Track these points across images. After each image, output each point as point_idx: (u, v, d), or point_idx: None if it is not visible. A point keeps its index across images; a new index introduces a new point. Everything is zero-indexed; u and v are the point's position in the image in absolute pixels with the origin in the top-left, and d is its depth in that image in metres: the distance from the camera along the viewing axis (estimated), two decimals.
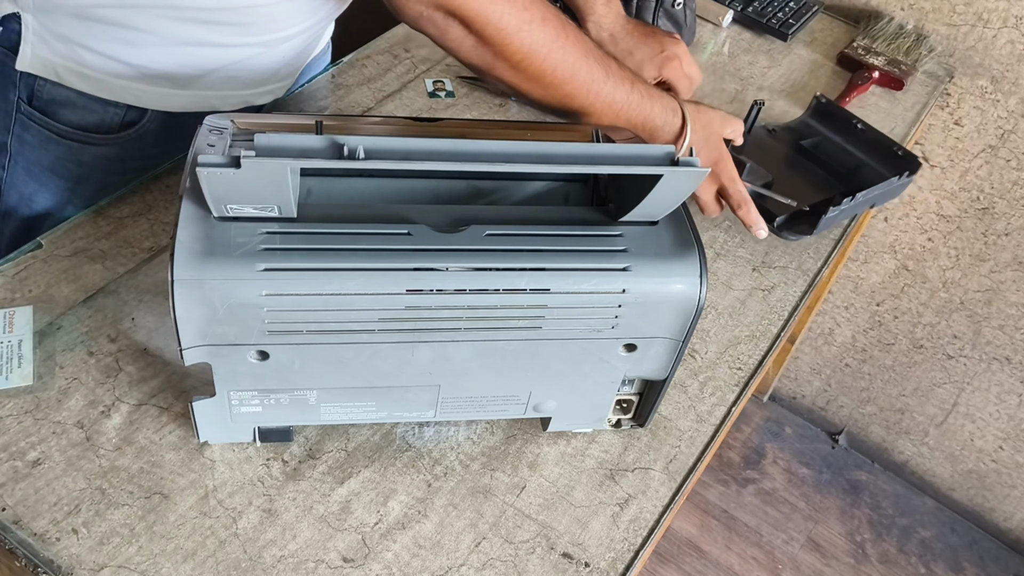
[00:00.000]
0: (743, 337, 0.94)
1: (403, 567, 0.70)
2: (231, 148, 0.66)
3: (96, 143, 0.92)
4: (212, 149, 0.66)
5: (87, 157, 0.93)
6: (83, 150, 0.92)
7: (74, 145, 0.92)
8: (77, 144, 0.92)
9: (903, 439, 1.98)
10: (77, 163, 0.93)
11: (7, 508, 0.68)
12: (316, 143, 0.59)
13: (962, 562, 1.93)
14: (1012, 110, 1.47)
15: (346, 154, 0.58)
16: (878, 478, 2.04)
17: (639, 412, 0.80)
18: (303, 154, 0.58)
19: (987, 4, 1.41)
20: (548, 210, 0.72)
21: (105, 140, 0.92)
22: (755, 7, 1.42)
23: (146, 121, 0.92)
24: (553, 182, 0.75)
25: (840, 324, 1.91)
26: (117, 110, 0.90)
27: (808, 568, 1.86)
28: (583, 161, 0.63)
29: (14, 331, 0.78)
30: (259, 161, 0.56)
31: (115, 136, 0.92)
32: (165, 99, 0.91)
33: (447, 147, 0.61)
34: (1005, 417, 1.81)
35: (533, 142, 0.63)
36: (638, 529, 0.76)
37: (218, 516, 0.70)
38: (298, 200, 0.63)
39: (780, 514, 1.93)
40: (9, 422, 0.73)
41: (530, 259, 0.65)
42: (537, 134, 0.78)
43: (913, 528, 1.96)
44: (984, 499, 1.94)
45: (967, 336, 1.76)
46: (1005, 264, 1.63)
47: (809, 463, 2.04)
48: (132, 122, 0.91)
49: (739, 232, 1.07)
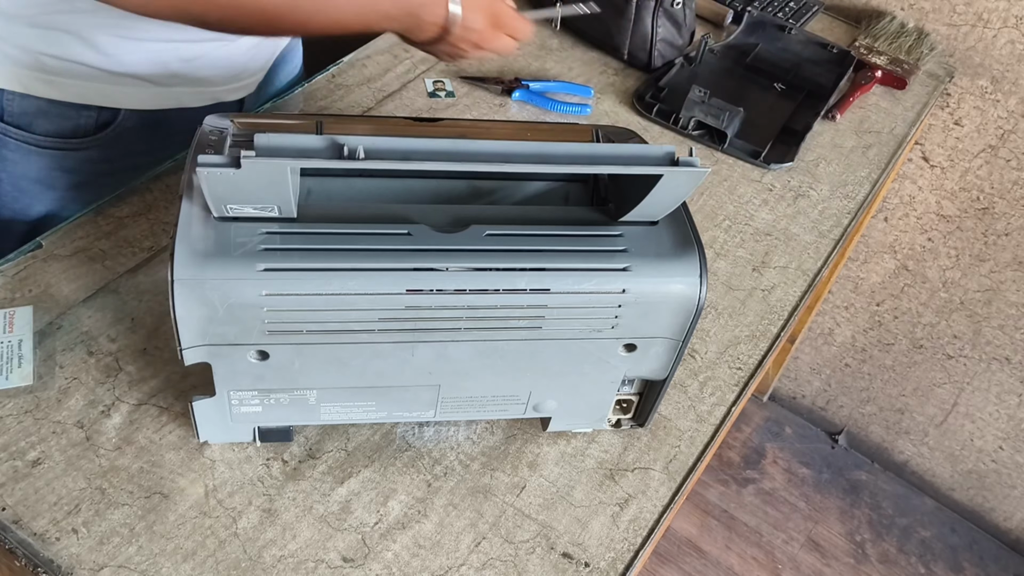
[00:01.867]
0: (743, 337, 0.94)
1: (403, 567, 0.70)
2: (231, 148, 0.66)
3: (77, 148, 0.92)
4: (212, 150, 0.66)
5: (72, 163, 0.93)
6: (66, 157, 0.92)
7: (56, 153, 0.91)
8: (59, 152, 0.91)
9: (903, 439, 1.98)
10: (64, 170, 0.93)
11: (7, 508, 0.68)
12: (316, 143, 0.59)
13: (962, 562, 1.93)
14: (1012, 110, 1.47)
15: (346, 154, 0.58)
16: (878, 478, 2.04)
17: (639, 412, 0.80)
18: (303, 154, 0.58)
19: (987, 4, 1.41)
20: (548, 210, 0.72)
21: (85, 144, 0.91)
22: (755, 7, 1.42)
23: (121, 120, 0.91)
24: (553, 182, 0.75)
25: (840, 324, 1.91)
26: (89, 113, 0.89)
27: (808, 568, 1.86)
28: (583, 161, 0.63)
29: (14, 331, 0.78)
30: (259, 161, 0.56)
31: (94, 139, 0.91)
32: (133, 97, 0.90)
33: (447, 147, 0.61)
34: (1005, 417, 1.81)
35: (533, 142, 0.63)
36: (638, 529, 0.76)
37: (218, 516, 0.70)
38: (298, 200, 0.63)
39: (780, 514, 1.93)
40: (9, 422, 0.73)
41: (530, 259, 0.65)
42: (537, 134, 0.78)
43: (913, 528, 1.96)
44: (984, 499, 1.94)
45: (967, 336, 1.76)
46: (1005, 264, 1.63)
47: (809, 463, 2.04)
48: (107, 122, 0.91)
49: (739, 232, 1.07)
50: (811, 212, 1.12)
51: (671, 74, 1.26)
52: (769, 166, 1.16)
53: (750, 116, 1.19)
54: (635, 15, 1.23)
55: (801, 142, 1.19)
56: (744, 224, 1.08)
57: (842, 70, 1.32)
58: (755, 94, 1.27)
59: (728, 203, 1.11)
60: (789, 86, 1.30)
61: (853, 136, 1.26)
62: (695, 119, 1.18)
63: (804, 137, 1.20)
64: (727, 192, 1.12)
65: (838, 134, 1.26)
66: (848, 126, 1.28)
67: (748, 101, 1.23)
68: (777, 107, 1.26)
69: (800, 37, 1.37)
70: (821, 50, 1.35)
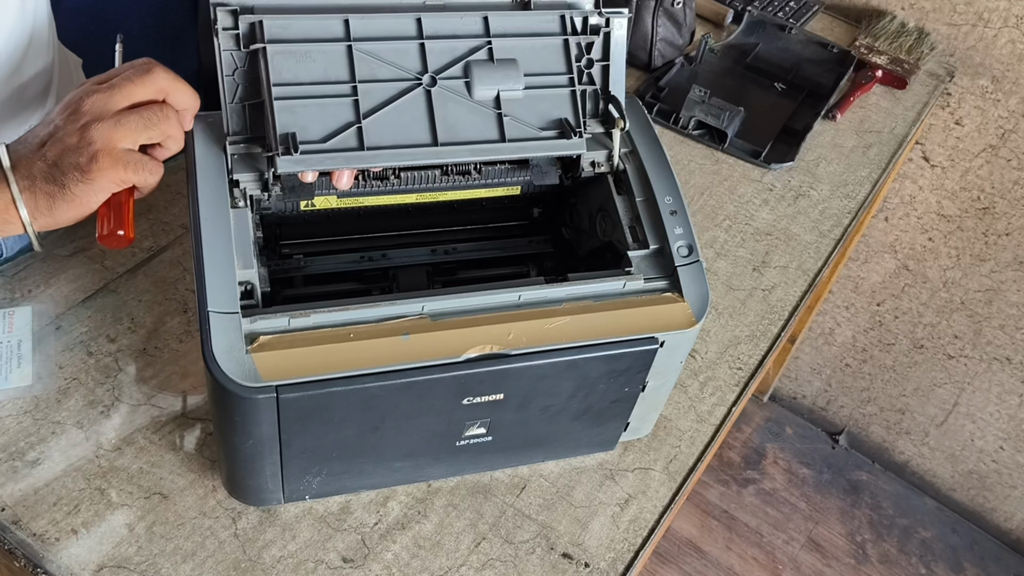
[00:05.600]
0: (743, 337, 0.94)
1: (403, 567, 0.70)
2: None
3: None
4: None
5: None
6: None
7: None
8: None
9: (903, 439, 1.98)
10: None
11: (7, 508, 0.68)
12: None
13: (962, 562, 1.92)
14: (1013, 110, 1.47)
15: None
16: (878, 478, 2.04)
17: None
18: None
19: (988, 4, 1.41)
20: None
21: None
22: (755, 7, 1.42)
23: None
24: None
25: (840, 324, 1.91)
26: None
27: (808, 568, 1.85)
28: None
29: (14, 331, 0.78)
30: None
31: None
32: None
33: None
34: (1006, 417, 1.80)
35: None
36: (638, 529, 0.76)
37: (218, 516, 0.70)
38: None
39: (780, 514, 1.93)
40: (9, 422, 0.73)
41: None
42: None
43: (914, 528, 1.96)
44: (985, 499, 1.94)
45: (967, 336, 1.76)
46: (1006, 264, 1.63)
47: (809, 463, 2.04)
48: None
49: (739, 232, 1.07)
50: (811, 212, 1.12)
51: (671, 74, 1.26)
52: (769, 166, 1.16)
53: (750, 116, 1.20)
54: (635, 15, 1.23)
55: (801, 142, 1.19)
56: (744, 224, 1.08)
57: (842, 70, 1.32)
58: (755, 94, 1.27)
59: (728, 203, 1.11)
60: (789, 86, 1.30)
61: (853, 136, 1.26)
62: (695, 119, 1.18)
63: (804, 137, 1.20)
64: (727, 192, 1.12)
65: (838, 134, 1.26)
66: (848, 126, 1.28)
67: (748, 101, 1.23)
68: (777, 107, 1.26)
69: (800, 37, 1.37)
70: (821, 50, 1.35)
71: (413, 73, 0.65)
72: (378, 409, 0.63)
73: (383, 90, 0.65)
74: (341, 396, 0.60)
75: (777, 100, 1.27)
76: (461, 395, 0.64)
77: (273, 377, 0.58)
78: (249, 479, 0.67)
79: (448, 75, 0.66)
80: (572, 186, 0.75)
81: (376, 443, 0.66)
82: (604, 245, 0.73)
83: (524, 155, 0.68)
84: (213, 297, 0.59)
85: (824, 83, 1.30)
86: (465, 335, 0.62)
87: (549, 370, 0.64)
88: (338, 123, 0.63)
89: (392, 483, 0.74)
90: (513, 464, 0.77)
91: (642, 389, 0.71)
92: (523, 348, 0.62)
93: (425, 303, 0.62)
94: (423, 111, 0.65)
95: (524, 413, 0.68)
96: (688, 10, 1.27)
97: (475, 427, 0.68)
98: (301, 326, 0.60)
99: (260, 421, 0.60)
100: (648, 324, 0.66)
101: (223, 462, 0.68)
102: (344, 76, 0.64)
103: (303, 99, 0.63)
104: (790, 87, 1.29)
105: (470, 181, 0.71)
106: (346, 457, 0.67)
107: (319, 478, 0.68)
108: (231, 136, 0.64)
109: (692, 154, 1.17)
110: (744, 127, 1.19)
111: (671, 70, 1.27)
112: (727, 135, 1.17)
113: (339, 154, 0.63)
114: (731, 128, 1.17)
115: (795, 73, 1.31)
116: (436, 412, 0.65)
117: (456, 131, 0.66)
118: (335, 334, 0.60)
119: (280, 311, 0.60)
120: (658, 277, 0.68)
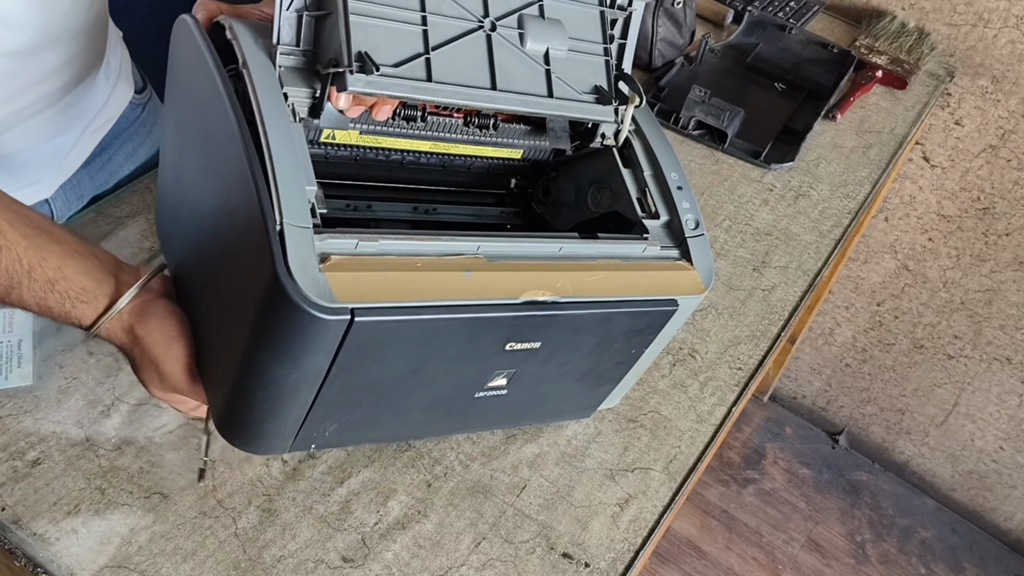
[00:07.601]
0: (743, 337, 0.94)
1: (403, 567, 0.70)
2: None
3: None
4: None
5: None
6: None
7: None
8: None
9: (903, 439, 1.98)
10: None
11: (7, 508, 0.68)
12: None
13: (962, 562, 1.93)
14: (1013, 110, 1.47)
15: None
16: (878, 478, 2.04)
17: None
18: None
19: (988, 4, 1.41)
20: None
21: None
22: (755, 7, 1.42)
23: None
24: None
25: (840, 324, 1.91)
26: None
27: (808, 568, 1.85)
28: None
29: (14, 331, 0.78)
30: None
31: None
32: None
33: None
34: (1006, 417, 1.80)
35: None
36: (638, 529, 0.76)
37: (218, 516, 0.70)
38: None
39: (780, 514, 1.93)
40: (9, 422, 0.73)
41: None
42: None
43: (913, 528, 1.96)
44: (984, 499, 1.94)
45: (967, 336, 1.76)
46: (1006, 264, 1.63)
47: (809, 463, 2.04)
48: None
49: (739, 232, 1.07)
50: (811, 212, 1.12)
51: (671, 74, 1.27)
52: (769, 166, 1.16)
53: (750, 116, 1.20)
54: None
55: (801, 142, 1.19)
56: (744, 224, 1.08)
57: (842, 70, 1.32)
58: (755, 94, 1.27)
59: (728, 203, 1.11)
60: (789, 86, 1.30)
61: (853, 136, 1.26)
62: (695, 119, 1.18)
63: (804, 137, 1.20)
64: (727, 192, 1.12)
65: (838, 134, 1.26)
66: (848, 126, 1.28)
67: (748, 101, 1.23)
68: (777, 107, 1.26)
69: (800, 37, 1.37)
70: (821, 50, 1.35)
71: (476, 15, 0.65)
72: (431, 347, 0.61)
73: (448, 27, 0.63)
74: (407, 327, 0.58)
75: (777, 100, 1.28)
76: (508, 339, 0.64)
77: (348, 299, 0.55)
78: (268, 422, 0.62)
79: (505, 24, 0.66)
80: (551, 162, 0.77)
81: (407, 388, 0.65)
82: (606, 216, 0.74)
83: (567, 114, 0.68)
84: (288, 210, 0.55)
85: (824, 83, 1.30)
86: (521, 278, 0.62)
87: (586, 321, 0.66)
88: (408, 51, 0.61)
89: (400, 437, 0.74)
90: (508, 425, 0.79)
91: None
92: (570, 297, 0.63)
93: (481, 243, 0.62)
94: (483, 55, 0.64)
95: (545, 367, 0.69)
96: (688, 10, 1.27)
97: (500, 377, 0.68)
98: (369, 251, 0.58)
99: (319, 349, 0.56)
100: (668, 287, 0.68)
101: (237, 403, 0.63)
102: (414, 4, 0.62)
103: (376, 19, 0.60)
104: (790, 87, 1.29)
105: (485, 136, 0.72)
106: (373, 403, 0.65)
107: (336, 425, 0.66)
108: (282, 46, 0.61)
109: (692, 154, 1.17)
110: (744, 127, 1.19)
111: (671, 70, 1.27)
112: (727, 135, 1.17)
113: (407, 82, 0.60)
114: (731, 128, 1.17)
115: (795, 73, 1.31)
116: (478, 357, 0.64)
117: (511, 80, 0.65)
118: (402, 262, 0.58)
119: (348, 232, 0.57)
120: (670, 246, 0.70)
